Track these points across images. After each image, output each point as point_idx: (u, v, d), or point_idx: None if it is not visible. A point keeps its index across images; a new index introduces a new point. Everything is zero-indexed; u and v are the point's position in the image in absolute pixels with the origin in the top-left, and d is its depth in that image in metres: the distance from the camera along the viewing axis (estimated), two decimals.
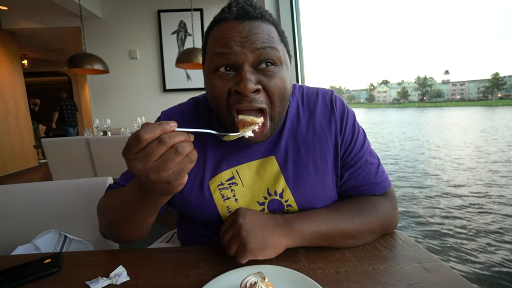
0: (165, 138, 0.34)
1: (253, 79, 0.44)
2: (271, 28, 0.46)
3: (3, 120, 4.36)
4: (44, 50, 5.96)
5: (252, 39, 0.43)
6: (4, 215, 0.72)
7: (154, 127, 0.34)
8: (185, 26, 4.03)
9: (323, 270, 0.43)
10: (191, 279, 0.42)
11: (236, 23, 0.44)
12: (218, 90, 0.46)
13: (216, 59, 0.45)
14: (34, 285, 0.43)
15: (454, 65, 76.41)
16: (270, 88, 0.45)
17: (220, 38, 0.45)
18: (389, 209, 0.54)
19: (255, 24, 0.44)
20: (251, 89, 0.43)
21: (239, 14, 0.44)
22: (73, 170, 2.37)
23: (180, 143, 0.35)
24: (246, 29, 0.44)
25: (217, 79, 0.46)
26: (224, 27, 0.45)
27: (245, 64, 0.44)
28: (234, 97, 0.45)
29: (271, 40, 0.45)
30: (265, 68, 0.45)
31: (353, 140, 0.56)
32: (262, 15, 0.45)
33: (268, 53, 0.44)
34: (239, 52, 0.43)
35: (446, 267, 0.43)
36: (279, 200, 0.53)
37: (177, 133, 0.35)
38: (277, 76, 0.46)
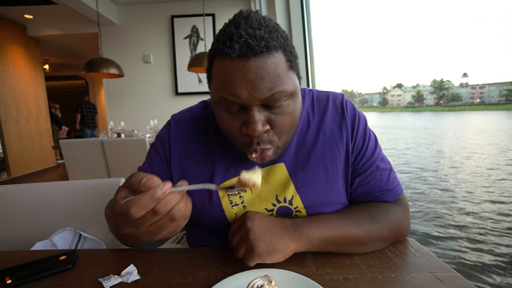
0: (160, 209, 0.32)
1: (261, 118, 0.43)
2: (279, 59, 0.42)
3: (25, 122, 4.59)
4: (64, 55, 6.25)
5: (258, 85, 0.40)
6: (24, 212, 0.75)
7: (146, 201, 0.32)
8: (197, 31, 4.12)
9: (331, 276, 0.43)
10: (199, 280, 0.43)
11: (240, 62, 0.40)
12: (229, 130, 0.46)
13: (222, 102, 0.44)
14: (51, 279, 0.45)
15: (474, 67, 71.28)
16: (279, 126, 0.45)
17: (225, 81, 0.42)
18: (400, 216, 0.53)
19: (260, 62, 0.40)
20: (260, 132, 0.43)
21: (242, 51, 0.40)
22: (88, 170, 2.46)
23: (175, 207, 0.33)
24: (252, 71, 0.40)
25: (224, 115, 0.45)
26: (227, 67, 0.41)
27: (253, 107, 0.42)
28: (244, 139, 0.45)
29: (279, 81, 0.41)
30: (273, 106, 0.43)
31: (364, 145, 0.54)
32: (267, 46, 0.40)
33: (275, 98, 0.42)
34: (246, 98, 0.41)
35: (461, 278, 0.41)
36: (288, 207, 0.53)
37: (171, 198, 0.33)
38: (286, 112, 0.45)
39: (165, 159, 0.57)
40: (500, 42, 21.45)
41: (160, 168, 0.58)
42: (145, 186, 0.33)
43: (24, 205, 0.76)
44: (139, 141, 2.32)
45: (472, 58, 17.85)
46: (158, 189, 0.32)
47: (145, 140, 2.32)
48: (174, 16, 4.12)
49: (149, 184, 0.33)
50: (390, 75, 22.99)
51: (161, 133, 0.60)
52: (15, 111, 4.39)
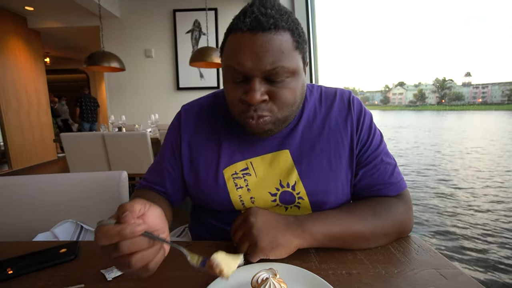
0: (121, 246, 0.31)
1: (261, 89, 0.46)
2: (285, 38, 0.45)
3: (26, 114, 4.59)
4: (65, 48, 6.22)
5: (262, 58, 0.44)
6: (26, 204, 0.75)
7: (113, 233, 0.31)
8: (199, 26, 4.09)
9: (335, 271, 0.43)
10: (201, 273, 0.43)
11: (248, 35, 0.44)
12: (231, 98, 0.50)
13: (229, 70, 0.48)
14: (53, 270, 0.45)
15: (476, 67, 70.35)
16: (278, 99, 0.47)
17: (234, 51, 0.46)
18: (403, 212, 0.53)
19: (267, 38, 0.44)
20: (258, 100, 0.46)
21: (252, 25, 0.44)
22: (89, 164, 2.46)
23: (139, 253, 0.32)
24: (258, 44, 0.44)
25: (230, 85, 0.49)
26: (237, 39, 0.46)
27: (254, 78, 0.46)
28: (243, 105, 0.48)
29: (282, 57, 0.44)
30: (275, 80, 0.46)
31: (369, 139, 0.56)
32: (275, 25, 0.44)
33: (277, 72, 0.45)
34: (250, 68, 0.45)
35: (465, 274, 0.41)
36: (291, 192, 0.54)
37: (138, 241, 0.31)
38: (287, 87, 0.47)
39: (176, 146, 0.61)
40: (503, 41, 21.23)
41: (170, 158, 0.61)
42: (123, 219, 0.32)
43: (25, 197, 0.76)
44: (140, 136, 2.32)
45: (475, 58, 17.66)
46: (129, 226, 0.31)
47: (146, 135, 2.31)
48: (176, 10, 4.08)
49: (126, 219, 0.32)
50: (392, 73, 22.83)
51: (172, 122, 0.64)
52: (16, 104, 4.39)
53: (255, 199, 0.55)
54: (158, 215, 0.37)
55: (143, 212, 0.35)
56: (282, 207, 0.56)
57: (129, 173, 2.49)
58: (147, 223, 0.34)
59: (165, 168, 0.61)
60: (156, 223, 0.35)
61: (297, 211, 0.56)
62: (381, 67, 28.06)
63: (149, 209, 0.35)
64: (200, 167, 0.58)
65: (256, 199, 0.55)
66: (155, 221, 0.35)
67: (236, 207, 0.56)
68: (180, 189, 0.63)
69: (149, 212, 0.35)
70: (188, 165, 0.59)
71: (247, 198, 0.55)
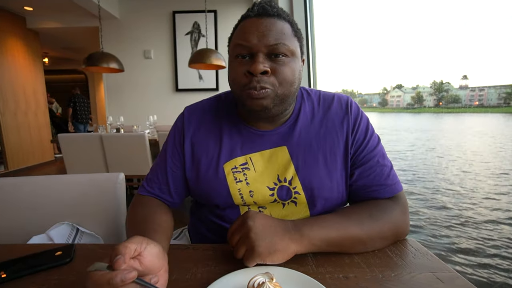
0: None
1: (264, 63, 0.51)
2: (286, 25, 0.53)
3: (23, 115, 4.56)
4: (63, 49, 6.20)
5: (267, 35, 0.50)
6: (21, 206, 0.75)
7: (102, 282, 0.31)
8: (199, 27, 4.10)
9: (332, 274, 0.43)
10: (198, 276, 0.42)
11: (255, 19, 0.52)
12: (235, 72, 0.54)
13: (237, 49, 0.53)
14: (47, 274, 0.44)
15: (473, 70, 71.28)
16: (279, 72, 0.52)
17: (242, 32, 0.53)
18: (399, 214, 0.53)
19: (271, 21, 0.51)
20: (260, 70, 0.50)
21: (259, 11, 0.52)
22: (87, 165, 2.45)
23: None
24: (263, 25, 0.51)
25: (236, 64, 0.54)
26: (246, 23, 0.53)
27: (259, 53, 0.51)
28: (246, 78, 0.52)
29: (283, 37, 0.51)
30: (276, 58, 0.52)
31: (365, 140, 0.58)
32: (278, 14, 0.52)
33: (279, 48, 0.51)
34: (255, 44, 0.51)
35: (461, 278, 0.41)
36: (288, 186, 0.56)
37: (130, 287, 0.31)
38: (287, 65, 0.52)
39: (179, 145, 0.63)
40: (500, 44, 21.43)
41: (173, 156, 0.63)
42: (115, 264, 0.31)
43: (20, 198, 0.75)
44: (138, 137, 2.31)
45: (472, 61, 17.76)
46: (120, 274, 0.30)
47: (144, 136, 2.31)
48: (175, 12, 4.09)
49: (117, 265, 0.31)
50: (390, 76, 22.89)
51: (175, 122, 0.67)
52: (13, 104, 4.36)
53: (253, 192, 0.56)
54: (155, 254, 0.36)
55: (139, 252, 0.34)
56: (280, 204, 0.57)
57: (127, 175, 2.49)
58: (143, 263, 0.34)
59: (168, 166, 0.63)
60: (153, 263, 0.35)
61: (294, 207, 0.57)
62: (380, 70, 28.30)
63: (146, 248, 0.35)
64: (201, 163, 0.60)
65: (255, 192, 0.56)
66: (152, 261, 0.35)
67: (235, 201, 0.57)
68: (182, 187, 0.64)
69: (145, 252, 0.35)
70: (190, 162, 0.61)
71: (246, 191, 0.57)
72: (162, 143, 0.67)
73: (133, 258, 0.34)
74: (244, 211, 0.57)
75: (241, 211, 0.59)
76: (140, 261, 0.34)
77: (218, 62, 2.87)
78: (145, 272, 0.34)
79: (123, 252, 0.32)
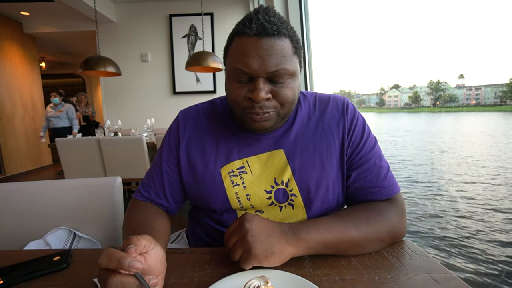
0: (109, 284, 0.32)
1: (265, 88, 0.50)
2: (286, 43, 0.50)
3: (21, 119, 4.54)
4: (60, 53, 6.20)
5: (267, 60, 0.48)
6: (17, 211, 0.74)
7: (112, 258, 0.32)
8: (195, 30, 4.11)
9: (328, 277, 0.43)
10: (195, 280, 0.42)
11: (255, 39, 0.49)
12: (235, 95, 0.52)
13: (236, 71, 0.51)
14: (44, 279, 0.44)
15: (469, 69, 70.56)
16: (280, 96, 0.51)
17: (240, 54, 0.50)
18: (396, 216, 0.53)
19: (271, 42, 0.48)
20: (262, 98, 0.49)
21: (258, 31, 0.48)
22: (85, 169, 2.44)
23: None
24: (263, 48, 0.48)
25: (235, 85, 0.52)
26: (244, 43, 0.49)
27: (259, 78, 0.49)
28: (248, 102, 0.51)
29: (284, 60, 0.49)
30: (277, 81, 0.50)
31: (361, 142, 0.58)
32: (278, 31, 0.49)
33: (280, 74, 0.49)
34: (256, 69, 0.49)
35: (457, 279, 0.41)
36: (285, 189, 0.57)
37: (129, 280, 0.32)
38: (288, 87, 0.51)
39: (175, 148, 0.62)
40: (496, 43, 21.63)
41: (169, 160, 0.62)
42: (127, 250, 0.33)
43: (17, 204, 0.75)
44: (136, 140, 2.31)
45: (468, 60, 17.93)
46: (130, 258, 0.32)
47: (142, 139, 2.30)
48: (172, 15, 4.10)
49: (130, 251, 0.33)
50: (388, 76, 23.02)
51: (170, 126, 0.66)
52: (10, 109, 4.35)
53: (251, 196, 0.57)
54: (160, 257, 0.37)
55: (147, 250, 0.36)
56: (277, 207, 0.57)
57: (125, 178, 2.48)
58: (148, 261, 0.35)
59: (164, 170, 0.62)
60: (155, 264, 0.36)
61: (291, 210, 0.57)
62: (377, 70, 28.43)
63: (153, 248, 0.36)
64: (197, 166, 0.59)
65: (252, 196, 0.56)
66: (155, 262, 0.36)
67: (233, 205, 0.57)
68: (178, 192, 0.63)
69: (152, 252, 0.36)
70: (186, 166, 0.61)
71: (243, 195, 0.57)
72: (159, 147, 0.67)
73: (140, 254, 0.35)
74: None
75: (238, 215, 0.59)
76: (145, 259, 0.35)
77: (215, 65, 2.87)
78: (146, 272, 0.35)
79: (136, 243, 0.34)
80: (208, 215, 0.62)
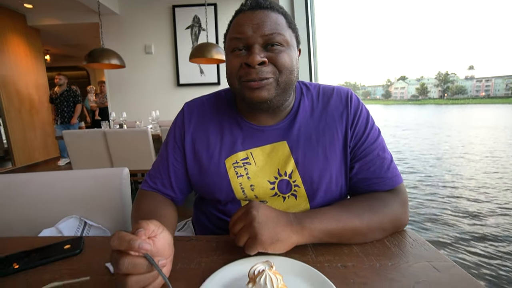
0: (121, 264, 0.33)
1: (261, 54, 0.51)
2: (279, 17, 0.53)
3: (27, 113, 4.61)
4: (64, 46, 6.20)
5: (262, 26, 0.51)
6: (30, 201, 0.77)
7: (123, 240, 0.34)
8: (199, 21, 4.06)
9: (330, 263, 0.44)
10: (202, 266, 0.44)
11: (249, 12, 0.53)
12: (232, 65, 0.54)
13: (233, 42, 0.54)
14: (59, 264, 0.46)
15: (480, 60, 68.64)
16: (277, 60, 0.52)
17: (237, 26, 0.54)
18: (398, 206, 0.54)
19: (265, 13, 0.52)
20: (258, 61, 0.51)
21: (252, 5, 0.53)
22: (91, 161, 2.48)
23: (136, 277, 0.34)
24: (257, 17, 0.52)
25: (232, 57, 0.54)
26: (240, 17, 0.54)
27: (255, 44, 0.52)
28: (244, 70, 0.52)
29: (278, 27, 0.52)
30: (273, 47, 0.52)
31: (365, 133, 0.58)
32: (271, 6, 0.53)
33: (275, 38, 0.52)
34: (250, 35, 0.51)
35: (457, 267, 0.42)
36: (288, 180, 0.58)
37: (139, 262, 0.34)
38: (284, 53, 0.53)
39: (180, 140, 0.64)
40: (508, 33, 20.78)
41: (174, 151, 0.64)
42: (137, 234, 0.35)
43: (30, 193, 0.78)
44: (142, 132, 2.33)
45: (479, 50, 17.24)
46: (139, 240, 0.34)
47: (147, 131, 2.33)
48: (175, 6, 4.05)
49: (139, 234, 0.35)
50: (395, 68, 22.42)
51: (175, 118, 0.67)
52: (17, 102, 4.40)
53: (254, 186, 0.58)
54: (168, 242, 0.39)
55: (156, 234, 0.38)
56: (280, 197, 0.58)
57: (132, 170, 2.51)
58: (156, 245, 0.37)
59: (169, 161, 0.64)
60: (163, 247, 0.38)
61: (294, 200, 0.58)
62: (383, 62, 27.79)
63: (161, 233, 0.38)
64: (203, 157, 0.61)
65: (256, 186, 0.58)
66: (163, 246, 0.38)
67: (237, 195, 0.59)
68: (184, 182, 0.65)
69: (160, 236, 0.38)
70: (191, 157, 0.62)
71: (247, 185, 0.58)
72: (165, 138, 0.68)
73: (149, 238, 0.37)
74: None
75: (242, 205, 0.60)
76: (154, 242, 0.37)
77: (219, 56, 2.85)
78: (155, 254, 0.37)
79: (145, 227, 0.37)
80: (213, 205, 0.63)
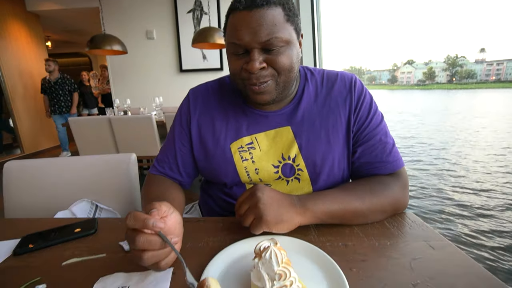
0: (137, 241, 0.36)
1: (259, 59, 0.52)
2: (277, 12, 0.51)
3: (32, 99, 4.64)
4: (65, 32, 6.11)
5: (259, 31, 0.50)
6: (44, 185, 0.81)
7: (138, 219, 0.36)
8: (201, 5, 3.95)
9: (332, 242, 0.46)
10: (210, 244, 0.47)
11: (245, 12, 0.50)
12: (234, 68, 0.55)
13: (231, 47, 0.54)
14: (77, 242, 0.50)
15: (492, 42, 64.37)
16: (276, 64, 0.53)
17: (233, 29, 0.52)
18: (399, 190, 0.55)
19: (261, 13, 0.50)
20: (257, 68, 0.52)
21: (247, 4, 0.50)
22: (97, 147, 2.53)
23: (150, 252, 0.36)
24: (253, 20, 0.50)
25: (233, 60, 0.55)
26: (236, 18, 0.52)
27: (253, 49, 0.51)
28: (245, 73, 0.54)
29: (275, 29, 0.50)
30: (271, 50, 0.52)
31: (368, 118, 0.59)
32: (267, 1, 0.50)
33: (272, 43, 0.51)
34: (248, 42, 0.51)
35: (452, 245, 0.44)
36: (291, 164, 0.59)
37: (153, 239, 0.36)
38: (283, 54, 0.52)
39: (186, 125, 0.66)
40: None
41: (181, 137, 0.66)
42: (151, 214, 0.38)
43: (44, 178, 0.81)
44: (146, 119, 2.35)
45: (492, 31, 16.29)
46: (153, 219, 0.36)
47: (151, 118, 2.35)
48: None
49: (152, 214, 0.38)
50: (401, 51, 21.56)
51: (181, 104, 0.68)
52: (21, 89, 4.43)
53: (259, 170, 0.60)
54: (178, 221, 0.41)
55: (167, 214, 0.40)
56: (284, 180, 0.60)
57: (137, 156, 2.56)
58: (167, 224, 0.39)
59: (176, 146, 0.66)
60: (174, 227, 0.40)
61: (297, 184, 0.60)
62: (390, 45, 26.79)
63: (172, 213, 0.41)
64: (208, 143, 0.63)
65: (260, 170, 0.60)
66: (174, 225, 0.40)
67: (242, 179, 0.61)
68: (190, 166, 0.68)
69: (171, 216, 0.40)
70: (198, 142, 0.64)
71: (252, 169, 0.60)
72: (169, 124, 0.70)
73: (161, 218, 0.39)
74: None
75: (247, 188, 0.62)
76: (165, 222, 0.39)
77: (221, 41, 2.80)
78: (167, 232, 0.39)
79: (158, 208, 0.39)
80: (219, 188, 0.65)
